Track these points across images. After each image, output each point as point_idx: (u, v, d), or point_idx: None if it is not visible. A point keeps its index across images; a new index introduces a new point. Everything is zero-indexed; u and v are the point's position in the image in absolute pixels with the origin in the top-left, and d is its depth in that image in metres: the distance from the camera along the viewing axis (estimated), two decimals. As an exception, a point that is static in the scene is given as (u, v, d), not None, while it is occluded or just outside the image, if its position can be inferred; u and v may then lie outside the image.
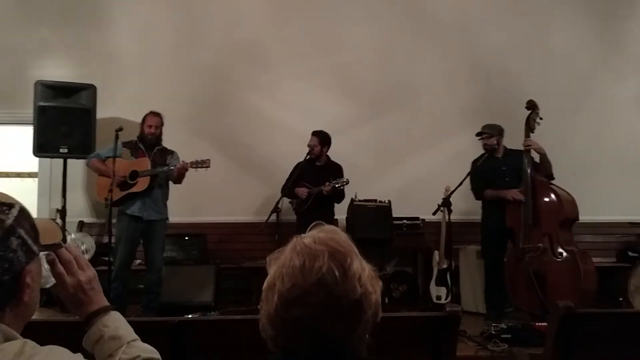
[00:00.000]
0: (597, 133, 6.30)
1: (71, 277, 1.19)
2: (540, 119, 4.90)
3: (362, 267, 1.03)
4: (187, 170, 4.70)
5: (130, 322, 1.27)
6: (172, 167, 4.70)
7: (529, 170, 4.77)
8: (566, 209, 4.66)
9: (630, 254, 5.64)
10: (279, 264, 1.02)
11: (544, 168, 4.85)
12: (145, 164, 4.77)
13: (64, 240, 1.21)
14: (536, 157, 4.90)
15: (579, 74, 6.41)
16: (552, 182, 4.85)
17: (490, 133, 5.03)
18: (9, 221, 1.00)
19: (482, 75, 6.35)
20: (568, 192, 4.76)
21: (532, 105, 4.93)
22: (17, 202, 1.05)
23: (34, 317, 1.11)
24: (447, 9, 6.42)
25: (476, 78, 6.36)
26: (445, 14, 6.41)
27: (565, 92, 6.24)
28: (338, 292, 0.97)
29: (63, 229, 5.32)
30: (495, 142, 5.03)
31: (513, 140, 5.15)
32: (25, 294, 1.03)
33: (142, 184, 4.73)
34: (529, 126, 4.88)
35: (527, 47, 6.39)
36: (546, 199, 4.72)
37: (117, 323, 1.20)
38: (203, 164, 4.68)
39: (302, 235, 1.06)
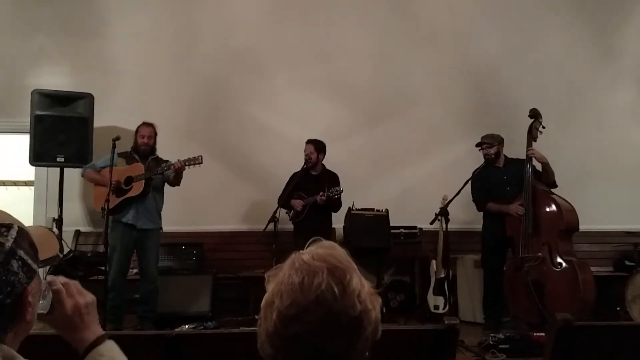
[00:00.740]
0: (591, 142, 6.33)
1: (70, 298, 1.18)
2: (543, 127, 4.90)
3: (361, 284, 1.02)
4: (184, 168, 4.70)
5: (125, 336, 1.27)
6: (166, 168, 4.70)
7: (530, 179, 4.77)
8: (566, 218, 4.66)
9: (627, 263, 5.64)
10: (278, 281, 1.01)
11: (546, 177, 4.85)
12: (139, 169, 4.78)
13: (61, 250, 1.20)
14: (538, 166, 4.90)
15: (572, 83, 6.44)
16: (553, 191, 4.85)
17: (491, 143, 5.04)
18: (9, 244, 1.00)
19: (477, 84, 6.37)
20: (569, 202, 4.76)
21: (534, 114, 4.93)
22: (15, 222, 1.05)
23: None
24: (441, 18, 6.45)
25: (471, 87, 6.38)
26: (439, 23, 6.44)
27: (559, 100, 6.27)
28: (337, 309, 0.97)
29: (60, 237, 5.30)
30: (495, 151, 5.04)
31: (508, 148, 5.18)
32: (28, 313, 1.04)
33: (137, 188, 4.73)
34: (532, 135, 4.88)
35: (521, 56, 6.42)
36: (546, 209, 4.72)
37: (112, 352, 1.19)
38: (195, 160, 4.68)
39: (301, 251, 1.05)
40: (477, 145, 5.10)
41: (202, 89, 6.23)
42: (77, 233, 5.91)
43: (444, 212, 5.18)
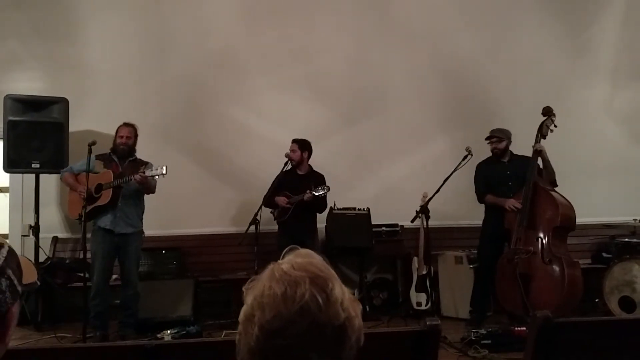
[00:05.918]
0: (568, 138, 6.36)
1: None
2: (555, 126, 4.89)
3: (342, 291, 1.00)
4: (146, 180, 4.61)
5: (105, 347, 1.24)
6: (130, 178, 4.61)
7: (534, 173, 4.79)
8: (562, 216, 4.69)
9: (604, 255, 5.73)
10: (257, 294, 0.98)
11: (547, 174, 4.90)
12: (108, 176, 4.70)
13: (39, 279, 1.19)
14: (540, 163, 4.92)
15: (548, 79, 6.50)
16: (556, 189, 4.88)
17: (500, 137, 5.05)
18: (0, 262, 0.99)
19: (454, 82, 6.40)
20: (568, 200, 4.79)
21: (547, 112, 4.93)
22: (5, 242, 1.04)
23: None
24: (417, 18, 6.47)
25: (448, 85, 6.42)
26: (415, 23, 6.46)
27: (534, 98, 6.29)
28: (322, 320, 0.94)
29: (37, 245, 5.23)
30: (505, 146, 5.06)
31: (486, 146, 5.21)
32: (7, 335, 1.02)
33: (105, 197, 4.66)
34: (542, 132, 4.89)
35: (497, 53, 6.48)
36: (544, 205, 4.75)
37: None
38: (158, 172, 4.54)
39: (279, 261, 1.03)
40: (487, 138, 5.09)
41: (179, 91, 6.17)
42: (55, 240, 5.82)
43: (424, 210, 5.21)
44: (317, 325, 0.94)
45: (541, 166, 4.92)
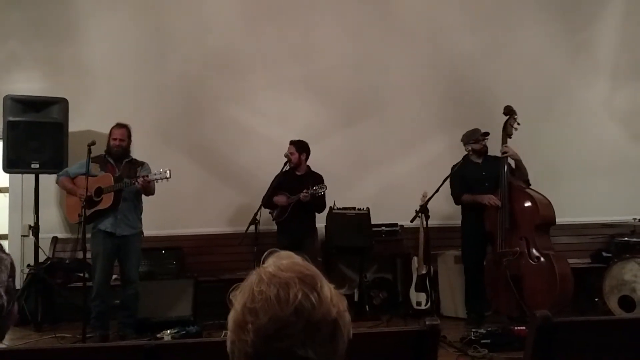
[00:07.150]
0: (567, 137, 6.40)
1: None
2: (518, 124, 4.94)
3: (329, 288, 1.01)
4: (148, 184, 4.62)
5: (105, 347, 1.24)
6: (133, 182, 4.62)
7: (505, 176, 4.82)
8: (542, 213, 4.71)
9: (604, 254, 5.72)
10: (246, 299, 0.98)
11: (520, 174, 4.91)
12: (108, 179, 4.69)
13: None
14: (512, 163, 4.96)
15: (548, 78, 6.50)
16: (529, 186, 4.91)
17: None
18: (10, 259, 1.11)
19: (454, 81, 6.40)
20: (544, 196, 4.81)
21: (509, 111, 4.97)
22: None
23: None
24: (417, 17, 6.47)
25: (448, 84, 6.41)
26: (415, 22, 6.47)
27: (534, 96, 6.33)
28: (316, 317, 0.95)
29: (37, 246, 5.22)
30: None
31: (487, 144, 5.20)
32: (8, 329, 1.14)
33: (106, 201, 4.66)
34: (507, 132, 4.93)
35: (497, 52, 6.48)
36: (522, 204, 4.78)
37: None
38: (160, 175, 4.55)
39: (263, 265, 1.03)
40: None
41: (179, 91, 6.17)
42: (55, 240, 5.83)
43: (424, 209, 5.19)
44: (313, 324, 0.95)
45: (513, 166, 4.93)
